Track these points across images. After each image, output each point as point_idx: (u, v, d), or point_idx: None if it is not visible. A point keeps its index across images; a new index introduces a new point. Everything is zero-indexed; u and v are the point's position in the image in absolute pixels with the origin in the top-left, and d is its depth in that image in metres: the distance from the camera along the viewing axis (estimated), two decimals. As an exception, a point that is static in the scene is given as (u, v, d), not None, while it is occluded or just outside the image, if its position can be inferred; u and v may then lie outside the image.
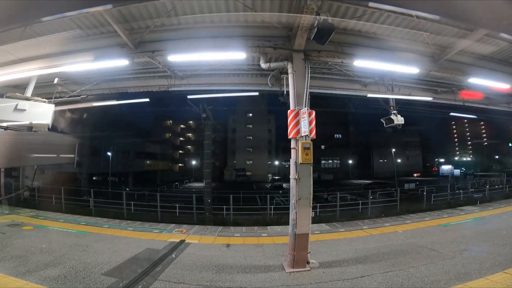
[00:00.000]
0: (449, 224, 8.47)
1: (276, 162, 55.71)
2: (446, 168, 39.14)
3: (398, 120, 8.49)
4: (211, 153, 17.78)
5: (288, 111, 5.30)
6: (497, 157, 60.07)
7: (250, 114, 55.68)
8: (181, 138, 61.12)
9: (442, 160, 60.55)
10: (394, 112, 8.70)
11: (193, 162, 55.27)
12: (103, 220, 9.81)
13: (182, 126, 61.22)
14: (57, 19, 5.46)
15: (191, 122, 60.89)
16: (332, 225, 9.23)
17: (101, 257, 5.72)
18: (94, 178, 31.79)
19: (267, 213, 14.20)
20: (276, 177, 43.71)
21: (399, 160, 41.38)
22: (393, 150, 42.12)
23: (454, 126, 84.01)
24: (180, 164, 59.25)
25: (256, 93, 10.65)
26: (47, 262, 5.29)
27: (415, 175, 47.89)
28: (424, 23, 5.69)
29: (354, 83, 9.38)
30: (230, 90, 9.92)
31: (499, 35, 6.16)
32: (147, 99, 10.03)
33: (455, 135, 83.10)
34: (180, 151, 60.15)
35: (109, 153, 32.61)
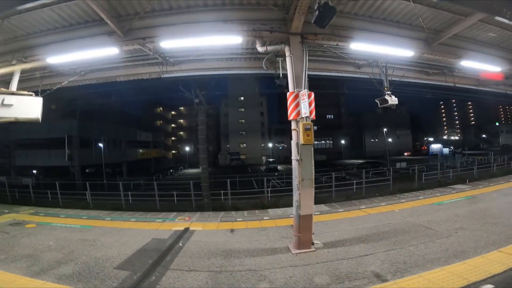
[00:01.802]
0: (442, 203, 8.73)
1: (270, 145, 55.92)
2: (435, 147, 39.95)
3: (393, 100, 8.52)
4: (205, 138, 17.68)
5: (287, 93, 5.26)
6: (484, 136, 61.70)
7: (242, 98, 55.23)
8: (172, 125, 60.54)
9: (431, 139, 61.89)
10: (388, 93, 8.77)
11: (187, 149, 55.02)
12: (104, 213, 9.78)
13: (173, 112, 60.46)
14: (36, 9, 5.26)
15: (181, 108, 60.14)
16: (330, 205, 9.47)
17: (110, 250, 5.72)
18: (86, 170, 31.25)
19: (265, 196, 14.40)
20: (270, 160, 44.01)
21: (390, 140, 42.20)
22: (385, 130, 42.71)
23: (442, 106, 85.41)
24: (173, 151, 58.97)
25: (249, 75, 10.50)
26: (59, 260, 5.26)
27: (405, 154, 49.03)
28: (420, 8, 5.67)
29: (348, 65, 9.35)
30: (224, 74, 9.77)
31: (492, 21, 6.24)
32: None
33: (444, 115, 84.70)
34: (173, 138, 59.71)
35: (100, 144, 32.02)
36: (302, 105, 4.85)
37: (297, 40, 5.44)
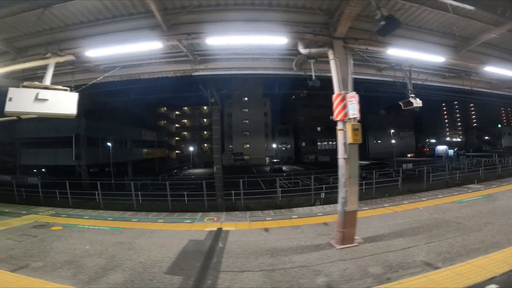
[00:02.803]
0: (463, 201, 9.08)
1: (274, 145, 56.19)
2: (441, 148, 40.73)
3: (417, 103, 8.85)
4: (220, 138, 17.86)
5: (334, 95, 5.55)
6: (486, 138, 62.34)
7: (246, 98, 55.47)
8: (176, 125, 60.74)
9: (433, 141, 62.45)
10: (412, 95, 9.10)
11: (190, 149, 55.25)
12: (128, 213, 9.63)
13: (177, 112, 60.71)
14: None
15: (185, 108, 60.45)
16: (363, 202, 9.69)
17: (152, 254, 5.53)
18: (90, 170, 31.18)
19: (277, 196, 14.67)
20: (275, 160, 44.24)
21: (393, 141, 42.58)
22: (392, 131, 43.12)
23: (444, 108, 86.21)
24: (177, 151, 59.14)
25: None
26: (103, 266, 4.95)
27: (408, 155, 49.51)
28: (455, 18, 6.00)
29: (369, 68, 9.63)
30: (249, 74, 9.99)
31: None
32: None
33: (446, 117, 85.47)
34: (176, 138, 59.92)
35: (108, 144, 32.15)
36: (349, 107, 5.16)
37: (340, 44, 5.75)
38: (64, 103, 5.56)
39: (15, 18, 5.55)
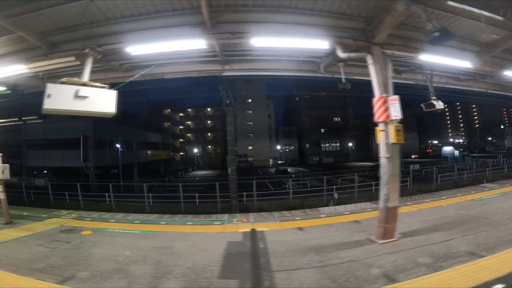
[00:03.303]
0: (482, 199, 9.46)
1: (278, 147, 56.59)
2: (447, 149, 41.39)
3: (439, 105, 9.25)
4: (234, 140, 18.04)
5: (375, 98, 5.92)
6: (489, 138, 63.01)
7: (250, 100, 55.89)
8: (180, 127, 61.11)
9: (435, 142, 63.03)
10: (434, 98, 9.49)
11: (195, 150, 55.58)
12: (153, 216, 9.43)
13: (181, 114, 61.09)
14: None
15: (189, 110, 60.86)
16: (375, 202, 10.07)
17: (196, 258, 5.42)
18: (97, 171, 31.25)
19: (289, 197, 14.90)
20: (280, 162, 44.56)
21: (397, 142, 42.86)
22: None
23: (446, 109, 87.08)
24: (181, 153, 59.48)
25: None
26: (153, 274, 4.77)
27: (413, 156, 49.99)
28: (483, 26, 6.35)
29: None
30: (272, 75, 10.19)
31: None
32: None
33: (448, 118, 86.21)
34: (181, 140, 60.28)
35: (117, 145, 32.39)
36: (392, 109, 5.53)
37: (378, 49, 6.11)
38: (103, 101, 5.32)
39: (56, 10, 5.34)
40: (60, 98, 4.92)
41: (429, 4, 5.20)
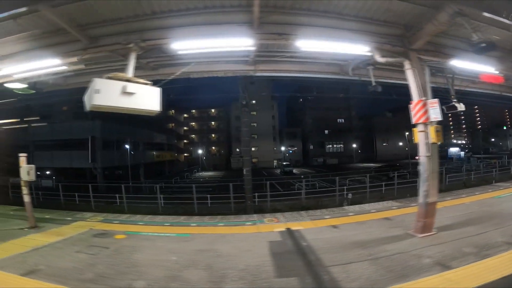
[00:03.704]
0: (501, 197, 9.87)
1: (282, 148, 56.97)
2: (454, 150, 42.19)
3: (461, 107, 9.68)
4: (249, 140, 18.31)
5: (414, 101, 6.31)
6: (492, 140, 63.71)
7: (254, 101, 56.25)
8: (185, 128, 61.45)
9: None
10: (455, 100, 9.94)
11: (199, 151, 55.88)
12: (179, 218, 9.26)
13: (185, 115, 61.44)
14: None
15: (193, 111, 61.25)
16: (399, 201, 10.45)
17: (245, 259, 5.37)
18: (105, 172, 31.26)
19: (302, 198, 15.22)
20: (285, 163, 44.93)
21: (401, 143, 43.48)
22: (406, 134, 43.97)
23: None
24: (185, 154, 59.80)
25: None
26: (209, 279, 4.65)
27: (416, 157, 50.09)
28: (509, 35, 6.76)
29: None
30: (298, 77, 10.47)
31: None
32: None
33: (450, 118, 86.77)
34: (185, 141, 60.61)
35: (126, 146, 32.62)
36: (431, 111, 5.95)
37: (415, 55, 6.52)
38: (148, 98, 5.09)
39: (102, 0, 5.22)
40: (108, 94, 4.66)
41: (471, 15, 5.62)
